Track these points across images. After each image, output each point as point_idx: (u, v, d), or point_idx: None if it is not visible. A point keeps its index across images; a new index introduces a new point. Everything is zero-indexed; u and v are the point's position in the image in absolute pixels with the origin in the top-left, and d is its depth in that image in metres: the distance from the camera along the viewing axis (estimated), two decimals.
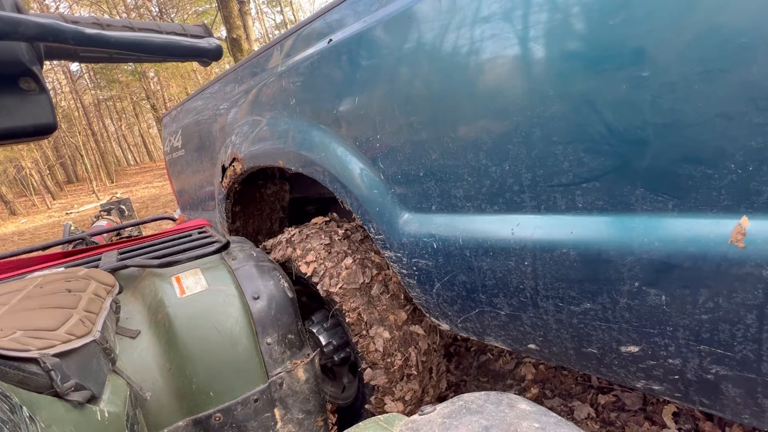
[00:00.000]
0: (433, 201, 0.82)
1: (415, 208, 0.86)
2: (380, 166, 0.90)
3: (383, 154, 0.88)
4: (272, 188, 1.77)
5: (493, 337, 0.85)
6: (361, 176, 0.95)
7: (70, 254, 1.24)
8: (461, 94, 0.71)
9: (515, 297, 0.73)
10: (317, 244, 1.14)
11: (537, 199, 0.65)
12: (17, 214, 19.79)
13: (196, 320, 0.86)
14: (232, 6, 7.00)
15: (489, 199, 0.72)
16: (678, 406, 1.17)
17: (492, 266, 0.74)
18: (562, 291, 0.65)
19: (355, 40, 0.88)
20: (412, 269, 0.90)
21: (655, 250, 0.53)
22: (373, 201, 0.93)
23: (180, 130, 1.96)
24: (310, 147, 1.07)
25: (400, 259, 0.92)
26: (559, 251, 0.63)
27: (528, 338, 0.76)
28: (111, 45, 0.49)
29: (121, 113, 33.37)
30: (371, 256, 1.13)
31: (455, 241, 0.78)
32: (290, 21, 27.33)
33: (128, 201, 5.03)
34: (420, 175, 0.82)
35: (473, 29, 0.67)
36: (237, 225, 1.72)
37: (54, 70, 23.55)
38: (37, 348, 0.54)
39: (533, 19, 0.59)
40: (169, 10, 17.55)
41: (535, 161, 0.63)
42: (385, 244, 0.95)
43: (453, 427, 0.35)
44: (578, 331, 0.67)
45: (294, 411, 0.92)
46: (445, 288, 0.85)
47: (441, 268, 0.83)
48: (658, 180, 0.52)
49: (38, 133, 0.51)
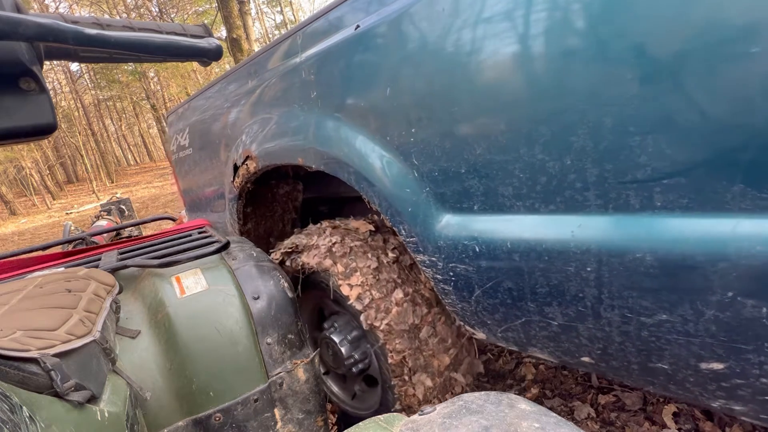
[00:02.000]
0: (476, 200, 0.74)
1: (454, 208, 0.79)
2: (414, 163, 0.82)
3: (418, 149, 0.80)
4: (285, 188, 1.69)
5: (538, 349, 0.78)
6: (392, 174, 0.87)
7: (70, 254, 1.24)
8: (515, 80, 0.63)
9: (572, 306, 0.65)
10: (364, 266, 1.03)
11: (604, 197, 0.57)
12: (17, 214, 19.79)
13: (196, 320, 0.85)
14: (232, 6, 7.00)
15: (545, 198, 0.64)
16: (678, 406, 1.17)
17: (546, 272, 0.66)
18: (633, 300, 0.58)
19: (388, 24, 0.81)
20: (449, 275, 0.82)
21: (756, 255, 0.46)
22: (405, 200, 0.85)
23: (187, 128, 1.88)
24: (333, 143, 0.98)
25: (435, 264, 0.84)
26: (631, 256, 0.55)
27: (582, 351, 0.70)
28: (111, 45, 0.49)
29: (121, 113, 33.38)
30: (421, 289, 1.04)
31: (502, 244, 0.71)
32: (290, 21, 27.34)
33: (128, 201, 5.04)
34: (461, 172, 0.74)
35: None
36: (248, 226, 1.64)
37: (54, 70, 23.55)
38: (37, 348, 0.54)
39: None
40: (169, 10, 17.55)
41: (604, 155, 0.55)
42: (417, 248, 0.87)
43: (453, 427, 0.35)
44: (648, 345, 0.60)
45: (294, 411, 0.92)
46: (487, 295, 0.78)
47: (483, 273, 0.76)
48: (763, 175, 0.45)
49: (38, 133, 0.51)
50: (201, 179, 1.86)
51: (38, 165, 22.24)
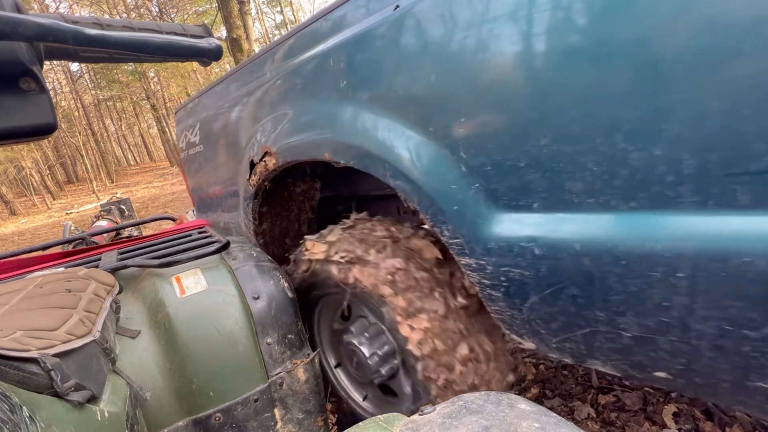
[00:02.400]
0: (537, 197, 0.66)
1: (509, 207, 0.71)
2: (462, 156, 0.74)
3: (467, 140, 0.73)
4: (302, 186, 1.58)
5: (600, 362, 0.71)
6: (435, 168, 0.79)
7: (70, 254, 1.24)
8: (589, 58, 0.55)
9: (654, 316, 0.58)
10: (431, 309, 0.91)
11: (704, 192, 0.50)
12: (17, 214, 19.80)
13: (196, 320, 0.86)
14: (232, 6, 7.01)
15: (625, 194, 0.57)
16: (678, 406, 1.17)
17: (623, 277, 0.59)
18: (736, 311, 0.51)
19: (433, 1, 0.74)
20: (499, 280, 0.75)
21: None
22: (451, 198, 0.78)
23: (198, 124, 1.78)
24: (366, 136, 0.90)
25: (483, 268, 0.76)
26: (738, 260, 0.48)
27: (658, 365, 0.64)
28: (111, 45, 0.49)
29: (121, 113, 33.41)
30: (483, 341, 0.94)
31: (569, 246, 0.63)
32: (290, 21, 27.38)
33: (128, 201, 5.04)
34: (519, 166, 0.66)
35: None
36: (264, 227, 1.55)
37: (54, 70, 23.57)
38: (37, 348, 0.54)
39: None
40: (169, 10, 17.57)
41: (707, 143, 0.48)
42: (463, 250, 0.79)
43: (453, 427, 0.35)
44: (748, 362, 0.53)
45: (294, 411, 0.92)
46: (545, 303, 0.70)
47: (543, 278, 0.68)
48: None
49: (38, 133, 0.51)
50: (212, 177, 1.77)
51: (38, 165, 22.25)
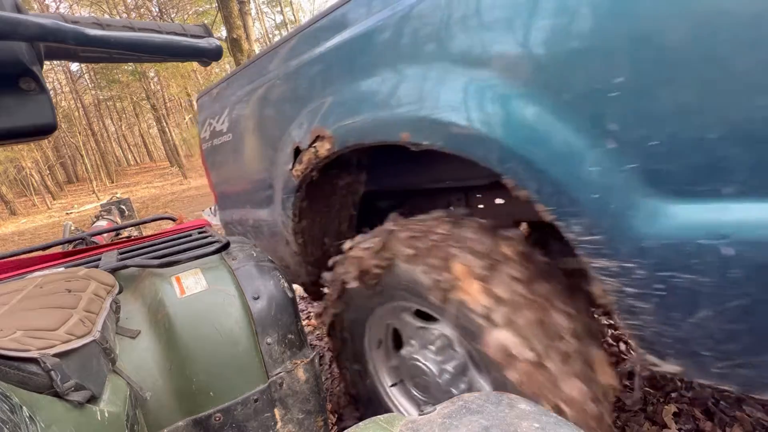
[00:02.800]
0: (732, 179, 0.51)
1: (681, 193, 0.56)
2: (609, 129, 0.59)
3: (620, 108, 0.58)
4: (346, 179, 1.37)
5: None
6: (566, 147, 0.64)
7: (70, 254, 1.24)
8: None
9: None
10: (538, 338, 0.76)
11: None
12: (17, 214, 19.82)
13: (197, 320, 0.86)
14: (232, 6, 7.01)
15: None
16: (678, 406, 1.17)
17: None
18: None
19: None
20: (657, 287, 0.60)
21: None
22: (588, 183, 0.63)
23: (226, 110, 1.60)
24: (463, 109, 0.75)
25: (630, 272, 0.62)
26: None
27: None
28: (111, 45, 0.49)
29: (121, 113, 33.44)
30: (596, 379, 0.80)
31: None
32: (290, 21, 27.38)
33: (128, 201, 5.04)
34: (705, 139, 0.51)
35: None
36: (303, 224, 1.37)
37: (54, 70, 23.58)
38: (37, 348, 0.54)
39: None
40: (169, 10, 17.57)
41: None
42: (601, 250, 0.64)
43: (453, 427, 0.35)
44: None
45: (294, 411, 0.92)
46: (725, 318, 0.56)
47: (732, 288, 0.54)
48: None
49: (38, 133, 0.51)
50: (242, 169, 1.59)
51: (38, 165, 22.26)
